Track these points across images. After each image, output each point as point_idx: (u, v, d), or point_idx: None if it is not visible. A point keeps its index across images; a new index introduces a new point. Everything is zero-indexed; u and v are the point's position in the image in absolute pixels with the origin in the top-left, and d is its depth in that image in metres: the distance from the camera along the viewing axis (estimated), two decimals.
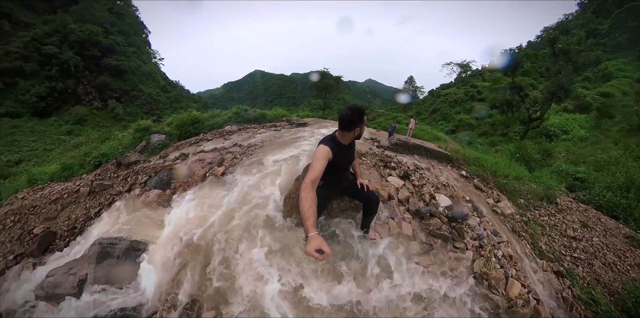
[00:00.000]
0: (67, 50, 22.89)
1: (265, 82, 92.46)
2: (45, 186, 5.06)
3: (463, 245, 2.47)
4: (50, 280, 2.58)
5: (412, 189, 3.09)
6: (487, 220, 2.94)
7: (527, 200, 3.92)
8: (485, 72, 35.77)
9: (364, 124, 1.72)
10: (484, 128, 21.83)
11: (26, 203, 4.39)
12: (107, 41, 25.63)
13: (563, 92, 14.10)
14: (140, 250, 2.78)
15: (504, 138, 18.13)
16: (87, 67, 24.10)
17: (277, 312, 1.97)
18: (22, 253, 3.40)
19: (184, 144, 5.65)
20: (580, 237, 3.23)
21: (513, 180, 4.52)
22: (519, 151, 8.32)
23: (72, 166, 5.81)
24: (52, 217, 3.86)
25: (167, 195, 3.57)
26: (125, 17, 32.70)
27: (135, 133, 6.67)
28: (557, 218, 3.62)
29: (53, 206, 4.05)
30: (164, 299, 2.24)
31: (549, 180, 5.36)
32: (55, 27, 23.17)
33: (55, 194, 4.34)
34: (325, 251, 1.12)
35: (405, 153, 4.52)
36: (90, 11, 26.88)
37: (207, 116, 7.19)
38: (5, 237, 3.63)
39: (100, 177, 4.52)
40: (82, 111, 22.66)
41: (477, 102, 27.40)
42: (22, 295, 2.78)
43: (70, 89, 22.97)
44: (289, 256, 2.37)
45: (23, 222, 3.82)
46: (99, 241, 2.78)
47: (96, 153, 5.92)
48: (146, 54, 33.65)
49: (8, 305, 2.73)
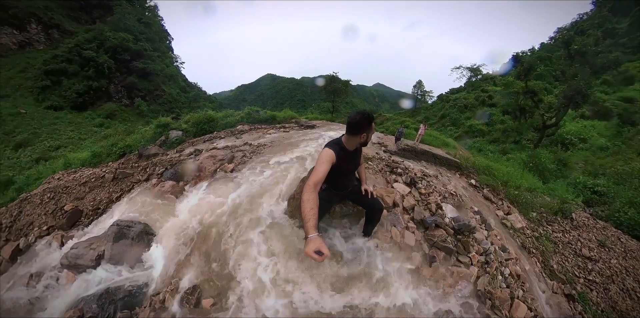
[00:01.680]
0: (103, 54, 25.86)
1: (276, 85, 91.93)
2: (77, 170, 5.40)
3: (468, 259, 2.25)
4: (74, 251, 2.73)
5: (418, 197, 2.87)
6: (496, 234, 2.69)
7: (539, 214, 3.56)
8: (497, 77, 33.13)
9: (371, 131, 1.64)
10: (495, 135, 20.11)
11: (61, 183, 4.65)
12: (136, 47, 28.46)
13: (580, 97, 12.58)
14: (152, 234, 2.86)
15: (516, 146, 16.57)
16: (118, 69, 26.88)
17: (270, 308, 1.91)
18: (53, 225, 3.67)
19: (198, 141, 5.74)
20: (596, 258, 2.88)
21: (525, 192, 4.13)
22: (532, 160, 7.65)
23: (101, 155, 6.15)
24: (81, 197, 4.06)
25: (180, 187, 3.61)
26: (152, 26, 35.83)
27: (156, 128, 6.94)
28: (572, 235, 3.25)
29: (82, 188, 4.24)
30: (168, 282, 2.27)
31: (564, 193, 4.83)
32: (94, 35, 26.37)
33: (84, 178, 4.55)
34: (324, 252, 1.09)
35: (412, 158, 4.25)
36: (123, 21, 30.18)
37: (221, 116, 7.35)
38: (42, 210, 3.93)
39: (123, 166, 4.67)
40: (112, 107, 25.13)
41: (489, 107, 25.40)
42: (51, 261, 3.00)
43: (104, 87, 25.77)
44: (288, 256, 2.29)
45: (57, 199, 4.08)
46: (117, 223, 2.89)
47: (121, 144, 6.25)
48: (169, 58, 36.44)
49: (39, 267, 2.97)
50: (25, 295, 2.69)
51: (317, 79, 20.87)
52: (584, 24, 36.48)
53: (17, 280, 2.97)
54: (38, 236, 3.53)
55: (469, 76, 37.80)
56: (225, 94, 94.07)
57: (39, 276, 2.82)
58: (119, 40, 26.74)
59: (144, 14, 36.72)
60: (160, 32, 37.21)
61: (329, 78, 20.98)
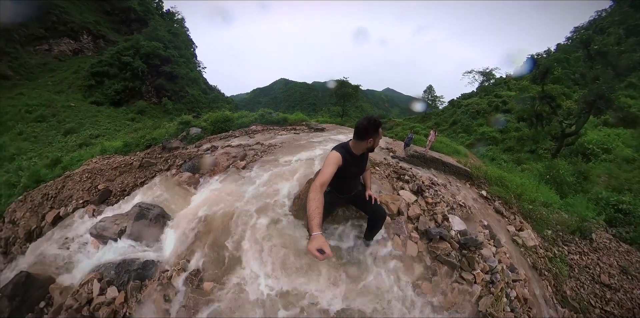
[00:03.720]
0: (138, 60, 29.05)
1: (289, 89, 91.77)
2: (111, 156, 5.83)
3: (472, 277, 2.03)
4: (101, 224, 2.94)
5: (425, 206, 2.65)
6: (505, 251, 2.42)
7: (555, 232, 3.17)
8: (511, 81, 29.86)
9: (378, 136, 1.58)
10: (509, 143, 17.60)
11: (97, 166, 5.00)
12: (165, 54, 31.54)
13: (603, 102, 10.82)
14: (167, 218, 2.98)
15: (532, 156, 14.62)
16: (149, 72, 30.06)
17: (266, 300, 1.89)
18: (87, 200, 4.01)
19: (215, 138, 5.89)
20: (616, 286, 2.51)
21: (540, 206, 3.70)
22: (549, 171, 6.80)
23: (131, 144, 6.54)
24: (111, 179, 4.33)
25: (196, 178, 3.69)
26: (179, 36, 39.08)
27: (179, 125, 7.23)
28: (591, 258, 2.86)
29: (113, 171, 4.51)
30: (177, 262, 2.35)
31: (584, 210, 4.22)
32: (132, 43, 29.74)
33: (116, 163, 4.84)
34: (325, 251, 1.07)
35: (421, 166, 3.95)
36: (155, 32, 33.63)
37: (236, 116, 7.51)
38: (80, 187, 4.29)
39: (148, 156, 4.91)
40: (143, 105, 28.01)
41: (503, 113, 22.82)
42: (82, 229, 3.32)
43: (137, 88, 29.00)
44: (288, 253, 2.24)
45: (92, 179, 4.41)
46: (139, 205, 3.04)
47: (148, 137, 6.61)
48: (192, 64, 39.29)
49: (73, 233, 3.31)
50: (60, 253, 3.01)
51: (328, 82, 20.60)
52: (603, 21, 31.56)
53: (55, 240, 3.31)
54: (75, 208, 3.89)
55: (482, 81, 34.79)
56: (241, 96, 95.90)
57: (72, 240, 3.14)
58: (151, 48, 30.03)
59: (172, 25, 40.40)
60: (186, 41, 40.44)
61: (340, 83, 20.69)
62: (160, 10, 42.71)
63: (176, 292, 2.06)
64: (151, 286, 2.17)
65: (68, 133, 18.97)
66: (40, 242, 3.48)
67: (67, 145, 16.05)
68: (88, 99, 25.66)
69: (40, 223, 3.92)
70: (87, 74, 27.01)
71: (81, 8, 31.11)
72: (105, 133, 19.03)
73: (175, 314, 1.92)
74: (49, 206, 4.18)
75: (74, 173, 4.98)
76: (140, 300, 2.11)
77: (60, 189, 4.46)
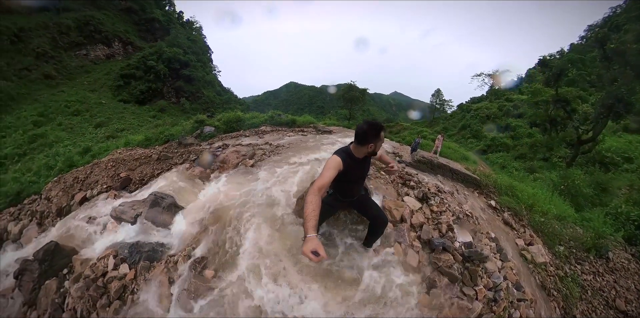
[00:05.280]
0: (160, 64, 31.90)
1: (298, 92, 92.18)
2: (133, 149, 6.24)
3: (473, 292, 1.88)
4: (120, 208, 3.14)
5: (429, 214, 2.50)
6: (512, 267, 2.23)
7: (568, 248, 2.88)
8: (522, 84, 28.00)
9: (379, 140, 1.51)
10: (521, 150, 15.76)
11: (120, 156, 5.29)
12: (184, 58, 34.11)
13: (622, 106, 9.51)
14: (178, 207, 3.09)
15: (546, 164, 13.21)
16: (170, 75, 32.85)
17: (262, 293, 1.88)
18: (110, 185, 4.27)
19: (226, 137, 6.06)
20: (634, 314, 2.22)
21: (553, 219, 3.39)
22: (564, 181, 6.22)
23: (151, 139, 6.96)
24: (132, 169, 4.53)
25: (207, 173, 3.76)
26: (197, 42, 42.28)
27: (194, 123, 7.53)
28: (606, 279, 2.58)
29: (134, 162, 4.72)
30: (184, 248, 2.44)
31: (602, 225, 3.78)
32: (155, 49, 32.76)
33: (137, 155, 5.08)
34: (320, 254, 1.05)
35: (428, 171, 3.73)
36: (176, 39, 36.74)
37: (248, 117, 7.71)
38: (105, 173, 4.56)
39: (166, 150, 5.15)
40: (163, 104, 30.83)
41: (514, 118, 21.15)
42: (104, 211, 3.59)
43: (159, 88, 31.93)
44: (287, 252, 2.20)
45: (116, 167, 4.64)
46: (155, 193, 3.17)
47: (167, 133, 6.96)
48: (208, 68, 42.23)
49: (96, 213, 3.57)
50: (84, 229, 3.28)
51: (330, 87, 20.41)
52: (618, 18, 28.22)
53: (80, 218, 3.61)
54: (99, 191, 4.19)
55: (491, 84, 32.59)
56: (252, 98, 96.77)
57: (95, 220, 3.39)
58: (172, 53, 32.90)
59: (191, 33, 44.22)
60: (203, 47, 43.80)
61: (347, 86, 20.43)
62: (181, 20, 46.39)
63: (180, 276, 2.12)
64: (158, 268, 2.27)
65: (98, 126, 21.17)
66: (68, 218, 3.80)
67: (96, 136, 17.57)
68: (117, 98, 28.69)
69: (69, 202, 4.25)
70: (116, 75, 30.44)
71: (113, 19, 35.23)
72: (130, 128, 20.76)
73: (177, 296, 1.97)
74: (78, 188, 4.50)
75: (101, 161, 5.30)
76: (147, 278, 2.21)
77: (88, 174, 4.77)
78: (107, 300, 2.16)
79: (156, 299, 2.05)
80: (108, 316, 2.04)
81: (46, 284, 2.58)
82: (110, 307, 2.11)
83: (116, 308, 2.07)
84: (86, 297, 2.22)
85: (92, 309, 2.16)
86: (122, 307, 2.08)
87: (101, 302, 2.16)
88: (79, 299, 2.23)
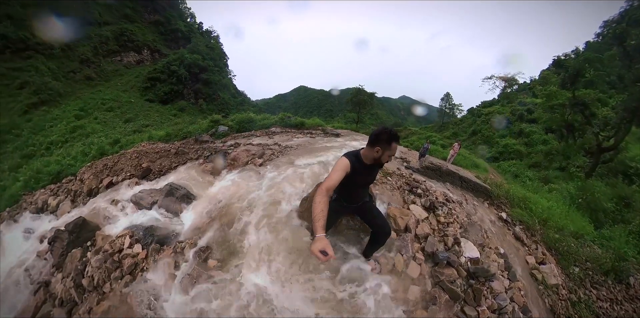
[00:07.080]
0: (182, 68, 34.60)
1: (308, 95, 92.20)
2: (155, 143, 6.69)
3: (475, 313, 1.72)
4: (139, 194, 3.37)
5: (435, 225, 2.34)
6: (520, 287, 2.04)
7: (584, 270, 2.58)
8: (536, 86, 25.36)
9: (388, 149, 1.44)
10: (535, 158, 14.28)
11: (144, 149, 5.60)
12: (203, 64, 36.63)
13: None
14: (190, 198, 3.22)
15: (562, 174, 11.59)
16: (190, 78, 35.50)
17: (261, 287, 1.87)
18: (133, 174, 4.52)
19: (239, 136, 6.25)
20: None
21: (569, 237, 3.05)
22: (582, 194, 5.50)
23: (171, 135, 7.51)
24: (153, 161, 4.75)
25: (218, 170, 3.80)
26: (215, 49, 44.99)
27: (210, 122, 7.93)
28: (625, 308, 2.28)
29: (155, 155, 4.95)
30: (191, 236, 2.54)
31: (623, 245, 3.30)
32: (178, 56, 35.23)
33: (158, 148, 5.34)
34: (328, 253, 1.04)
35: (436, 179, 3.51)
36: (196, 47, 39.12)
37: (259, 118, 7.96)
38: (129, 163, 4.83)
39: (183, 145, 5.43)
40: (183, 104, 33.45)
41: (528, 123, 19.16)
42: (126, 195, 3.80)
43: (180, 90, 34.76)
44: (288, 252, 2.16)
45: (139, 159, 4.89)
46: (170, 184, 3.33)
47: (185, 130, 7.49)
48: (224, 72, 45.20)
49: (119, 197, 3.81)
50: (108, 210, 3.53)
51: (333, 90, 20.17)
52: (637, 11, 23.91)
53: (106, 200, 3.91)
54: (123, 178, 4.46)
55: (503, 87, 30.18)
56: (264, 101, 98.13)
57: (117, 202, 3.62)
58: (192, 59, 35.49)
59: (210, 41, 47.36)
60: (220, 54, 46.63)
61: (355, 90, 20.08)
62: (201, 30, 50.04)
63: (185, 261, 2.21)
64: (167, 251, 2.38)
65: (127, 121, 23.87)
66: (96, 199, 4.15)
67: (125, 130, 19.49)
68: (144, 97, 31.73)
69: (98, 185, 4.58)
70: (144, 78, 33.61)
71: (144, 30, 39.27)
72: (153, 124, 22.96)
73: (179, 279, 2.06)
74: (106, 174, 4.83)
75: (127, 152, 5.65)
76: (156, 260, 2.33)
77: (115, 162, 5.09)
78: (120, 274, 2.32)
79: (162, 279, 2.15)
80: (119, 287, 2.18)
81: (72, 252, 2.81)
82: (122, 280, 2.26)
83: (127, 282, 2.22)
84: (103, 268, 2.40)
85: (106, 279, 2.34)
86: (132, 282, 2.21)
87: (115, 275, 2.32)
88: (97, 269, 2.42)
